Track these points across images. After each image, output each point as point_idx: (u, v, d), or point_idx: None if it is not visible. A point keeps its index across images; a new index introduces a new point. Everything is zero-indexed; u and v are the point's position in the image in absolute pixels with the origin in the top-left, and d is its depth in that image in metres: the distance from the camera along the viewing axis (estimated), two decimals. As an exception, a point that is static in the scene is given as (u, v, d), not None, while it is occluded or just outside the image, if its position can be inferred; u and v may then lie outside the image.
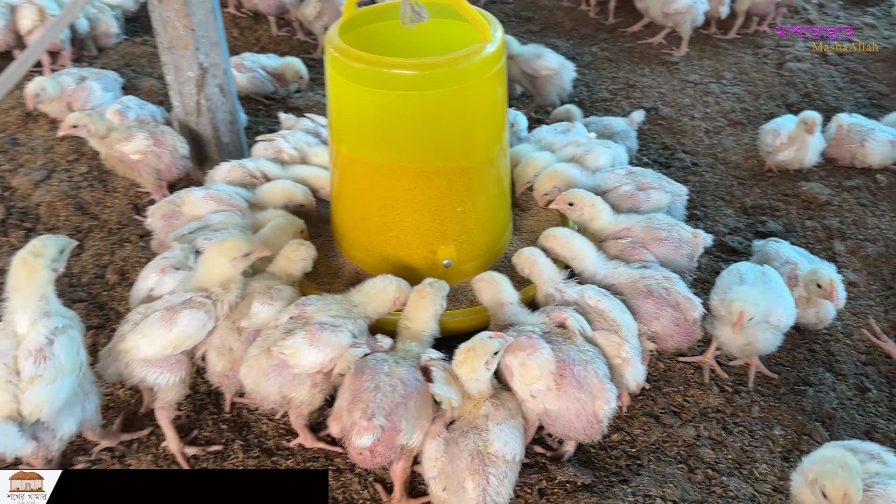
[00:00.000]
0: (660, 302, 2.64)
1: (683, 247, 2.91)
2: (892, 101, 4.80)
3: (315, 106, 4.70)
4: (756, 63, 5.30)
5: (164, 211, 3.07)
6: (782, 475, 2.53)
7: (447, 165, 2.75)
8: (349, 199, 2.94)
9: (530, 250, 2.79)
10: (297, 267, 2.70)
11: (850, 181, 4.01)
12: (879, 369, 2.94)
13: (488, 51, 2.65)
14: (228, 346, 2.47)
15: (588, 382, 2.33)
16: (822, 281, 2.77)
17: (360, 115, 2.73)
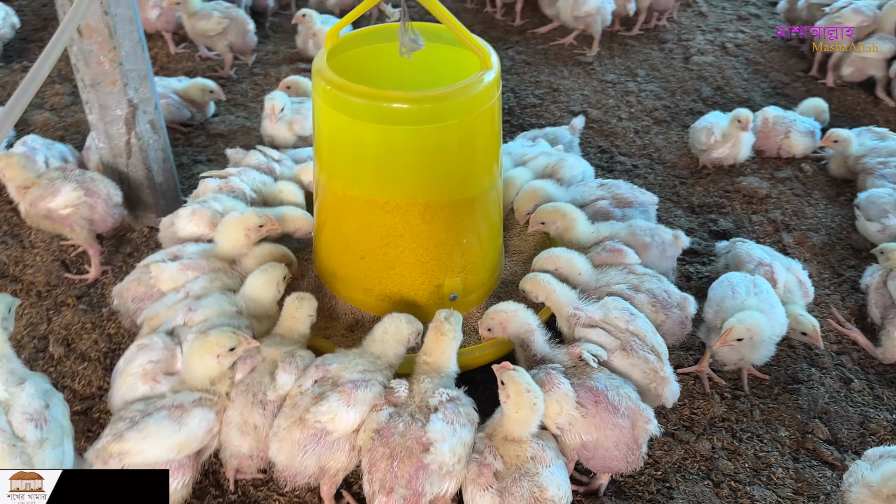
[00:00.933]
0: (666, 305, 2.69)
1: (668, 249, 2.98)
2: (793, 90, 5.09)
3: (238, 130, 4.40)
4: (664, 59, 5.47)
5: (134, 293, 2.76)
6: (798, 476, 2.61)
7: (454, 197, 2.64)
8: (344, 238, 2.76)
9: (542, 276, 2.74)
10: (306, 324, 2.53)
11: (781, 172, 4.21)
12: (852, 357, 3.11)
13: (489, 79, 2.56)
14: (252, 424, 2.26)
15: (625, 406, 2.32)
16: (806, 329, 2.86)
17: (359, 152, 2.56)
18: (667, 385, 2.49)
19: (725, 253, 3.32)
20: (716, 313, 2.80)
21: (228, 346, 2.27)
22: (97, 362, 2.92)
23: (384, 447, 2.13)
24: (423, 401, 2.25)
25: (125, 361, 2.40)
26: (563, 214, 3.02)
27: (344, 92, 2.46)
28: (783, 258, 3.19)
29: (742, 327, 2.64)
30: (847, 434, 2.76)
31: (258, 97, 4.79)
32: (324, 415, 2.16)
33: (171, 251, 2.87)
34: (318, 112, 2.64)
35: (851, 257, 3.63)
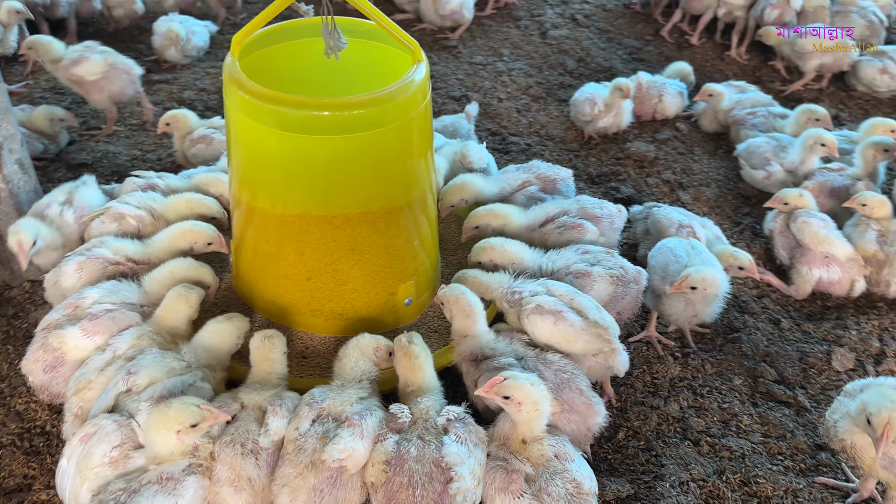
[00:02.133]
0: (623, 281, 2.74)
1: (615, 221, 3.05)
2: (647, 53, 5.35)
3: (103, 157, 3.95)
4: (523, 36, 5.55)
5: (44, 363, 2.43)
6: (762, 420, 2.75)
7: (402, 200, 2.54)
8: (285, 261, 2.55)
9: (470, 272, 2.69)
10: (283, 363, 2.35)
11: (661, 134, 4.41)
12: (772, 298, 3.32)
13: (423, 74, 2.45)
14: (246, 477, 2.04)
15: (575, 403, 2.35)
16: (743, 263, 3.01)
17: (300, 167, 2.36)
18: (616, 356, 2.52)
19: (642, 218, 3.42)
20: (662, 279, 2.88)
21: (189, 422, 2.01)
22: (13, 447, 2.51)
23: (401, 476, 2.01)
24: (428, 421, 2.14)
25: (76, 460, 2.07)
26: (496, 214, 3.00)
27: (278, 104, 2.25)
28: (697, 217, 3.34)
29: (698, 277, 2.73)
30: (791, 371, 2.94)
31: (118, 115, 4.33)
32: (342, 453, 2.00)
33: (70, 305, 2.53)
34: (240, 128, 2.40)
35: (744, 205, 3.88)
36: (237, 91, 2.32)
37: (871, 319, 3.18)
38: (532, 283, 2.59)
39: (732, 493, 2.48)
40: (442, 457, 2.03)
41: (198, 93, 4.58)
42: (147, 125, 4.24)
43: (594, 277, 2.70)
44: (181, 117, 3.67)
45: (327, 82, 2.81)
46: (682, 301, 2.82)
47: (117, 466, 2.06)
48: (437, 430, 2.13)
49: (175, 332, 2.49)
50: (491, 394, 2.13)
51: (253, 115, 2.31)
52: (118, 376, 2.28)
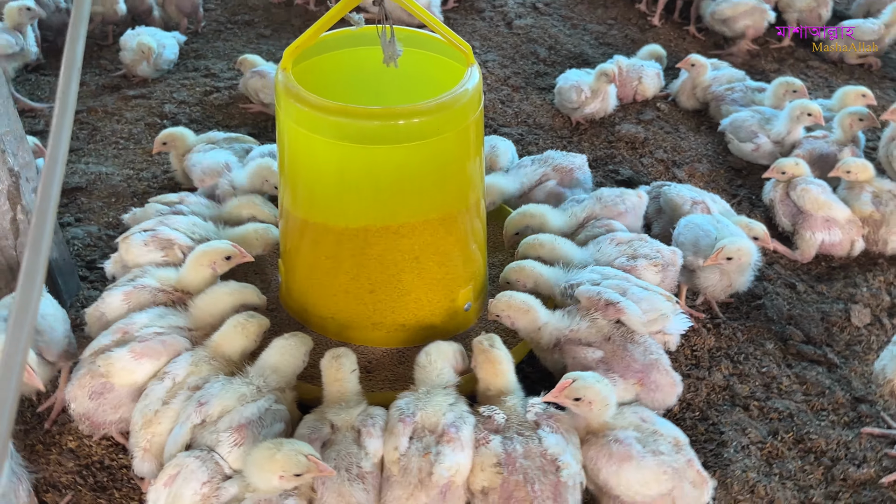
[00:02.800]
0: (664, 265, 2.84)
1: (638, 210, 3.14)
2: (612, 38, 5.48)
3: (97, 179, 3.80)
4: (489, 28, 5.60)
5: (89, 389, 2.35)
6: (800, 380, 2.89)
7: (462, 206, 2.56)
8: (347, 276, 2.52)
9: (527, 263, 2.73)
10: (354, 381, 2.33)
11: (645, 115, 4.53)
12: (781, 265, 3.47)
13: (476, 77, 2.48)
14: (357, 503, 2.04)
15: (662, 383, 2.47)
16: (758, 233, 3.13)
17: (365, 179, 2.35)
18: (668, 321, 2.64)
19: (653, 198, 3.52)
20: (694, 254, 2.98)
21: (294, 471, 1.97)
22: (78, 486, 2.42)
23: (515, 475, 2.04)
24: (519, 417, 2.19)
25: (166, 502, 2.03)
26: (532, 215, 3.05)
27: (340, 115, 2.24)
28: (706, 192, 3.46)
29: (734, 247, 2.84)
30: (816, 331, 3.09)
31: (94, 137, 4.18)
32: (449, 470, 2.03)
33: (118, 330, 2.46)
34: (299, 143, 2.37)
35: (737, 178, 4.04)
36: (296, 104, 2.28)
37: (877, 276, 3.37)
38: (586, 272, 2.65)
39: (789, 451, 2.61)
40: (545, 449, 2.08)
41: (178, 105, 4.45)
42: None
43: (639, 271, 2.78)
44: (178, 136, 3.57)
45: (369, 92, 2.79)
46: (716, 272, 2.93)
47: (209, 502, 2.03)
48: (530, 425, 2.17)
49: (230, 360, 2.45)
50: (561, 398, 2.17)
51: (314, 128, 2.28)
52: (189, 408, 2.23)
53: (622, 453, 2.10)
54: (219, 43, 5.25)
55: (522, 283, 2.72)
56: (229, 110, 4.44)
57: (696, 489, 2.13)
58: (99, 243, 3.40)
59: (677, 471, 2.11)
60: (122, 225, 3.46)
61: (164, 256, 2.75)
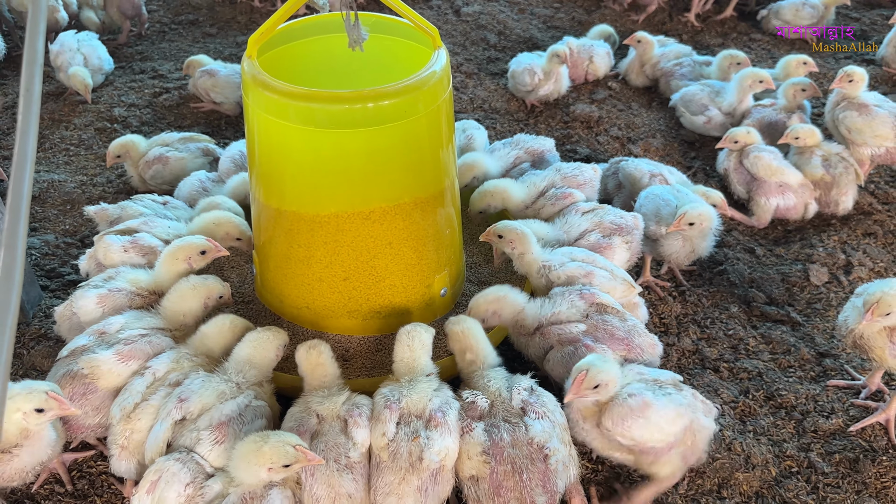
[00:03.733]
0: (626, 230, 2.93)
1: (595, 184, 3.20)
2: (559, 21, 5.54)
3: (50, 187, 3.71)
4: (438, 16, 5.61)
5: (69, 391, 2.29)
6: (766, 339, 2.97)
7: (435, 189, 2.54)
8: (320, 265, 2.50)
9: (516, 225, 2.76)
10: (334, 366, 2.33)
11: (597, 94, 4.60)
12: (740, 231, 3.57)
13: (444, 60, 2.47)
14: (346, 494, 2.05)
15: (645, 344, 2.53)
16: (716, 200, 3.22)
17: (338, 164, 2.34)
18: (638, 308, 2.76)
19: (612, 174, 3.58)
20: (657, 223, 3.04)
21: (283, 462, 1.96)
22: (58, 496, 2.37)
23: (503, 465, 2.06)
24: (504, 402, 2.21)
25: None
26: (492, 193, 3.08)
27: (306, 100, 2.22)
28: (662, 165, 3.54)
29: (695, 212, 2.91)
30: (778, 292, 3.19)
31: (43, 145, 4.07)
32: (439, 454, 2.05)
33: (95, 332, 2.42)
34: (265, 129, 2.35)
35: (690, 150, 4.13)
36: (263, 92, 2.26)
37: (831, 235, 3.48)
38: (557, 253, 2.71)
39: (761, 408, 2.69)
40: (532, 437, 2.10)
41: (128, 109, 4.36)
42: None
43: (613, 249, 2.86)
44: (130, 144, 3.50)
45: (339, 78, 2.78)
46: (679, 239, 3.00)
47: (194, 502, 2.01)
48: (517, 411, 2.18)
49: (212, 356, 2.42)
50: (582, 391, 2.13)
51: (281, 114, 2.26)
52: (170, 404, 2.20)
53: (641, 403, 2.13)
54: (164, 44, 5.16)
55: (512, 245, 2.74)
56: (181, 110, 4.37)
57: (707, 416, 2.24)
58: (57, 251, 3.32)
59: (689, 405, 2.19)
60: (80, 232, 3.41)
61: (145, 262, 2.72)
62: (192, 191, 3.26)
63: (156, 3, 5.71)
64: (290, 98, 2.24)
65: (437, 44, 2.51)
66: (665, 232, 3.00)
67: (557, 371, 2.48)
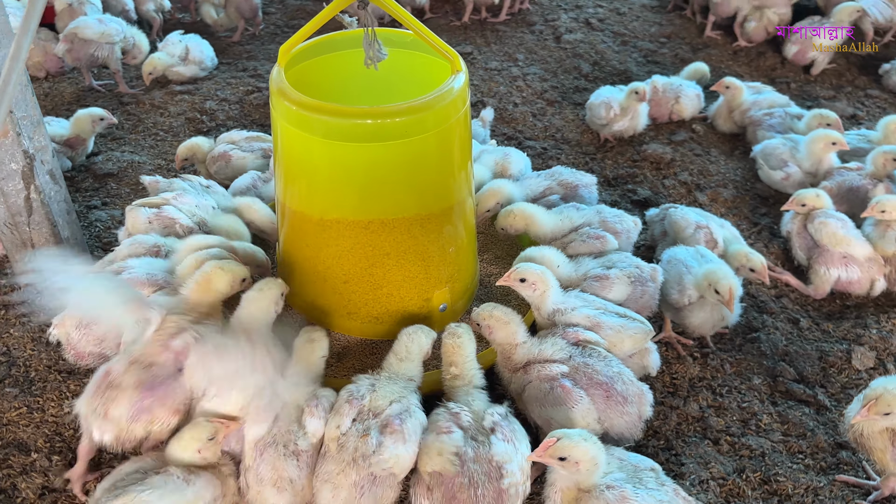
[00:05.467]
0: (640, 279, 2.82)
1: (632, 235, 3.09)
2: (661, 56, 5.38)
3: (129, 166, 4.03)
4: (537, 41, 5.60)
5: (76, 319, 2.51)
6: (781, 419, 2.76)
7: (438, 207, 2.59)
8: (324, 264, 2.62)
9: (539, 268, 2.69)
10: (320, 364, 2.41)
11: (677, 136, 4.43)
12: (790, 298, 3.33)
13: (461, 82, 2.50)
14: (288, 478, 2.12)
15: (630, 393, 2.43)
16: (755, 265, 3.03)
17: (337, 173, 2.45)
18: (650, 354, 2.67)
19: (659, 220, 3.45)
20: (679, 293, 2.89)
21: (206, 437, 2.09)
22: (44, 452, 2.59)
23: (461, 477, 2.08)
24: (478, 422, 2.22)
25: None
26: (515, 215, 3.05)
27: (316, 112, 2.32)
28: (714, 217, 3.36)
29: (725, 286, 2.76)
30: (811, 370, 2.95)
31: (136, 128, 4.42)
32: (387, 462, 2.08)
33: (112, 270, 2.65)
34: (283, 135, 2.48)
35: (762, 206, 3.89)
36: (281, 100, 2.40)
37: (892, 318, 3.18)
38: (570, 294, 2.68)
39: (752, 491, 2.50)
40: (492, 455, 2.10)
41: (219, 103, 4.66)
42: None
43: (612, 280, 2.75)
44: (195, 147, 3.74)
45: (373, 92, 2.88)
46: (706, 308, 2.86)
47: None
48: (486, 431, 2.19)
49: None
50: (545, 457, 2.08)
51: (294, 122, 2.39)
52: None
53: (619, 498, 2.06)
54: (272, 45, 5.46)
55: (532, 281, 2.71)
56: (266, 110, 4.61)
57: None
58: (119, 227, 3.60)
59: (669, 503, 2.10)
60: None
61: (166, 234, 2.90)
62: (243, 186, 3.46)
63: (274, 5, 6.05)
64: (302, 108, 2.36)
65: (457, 67, 2.53)
66: (688, 302, 2.86)
67: (531, 407, 2.45)
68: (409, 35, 2.78)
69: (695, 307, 2.88)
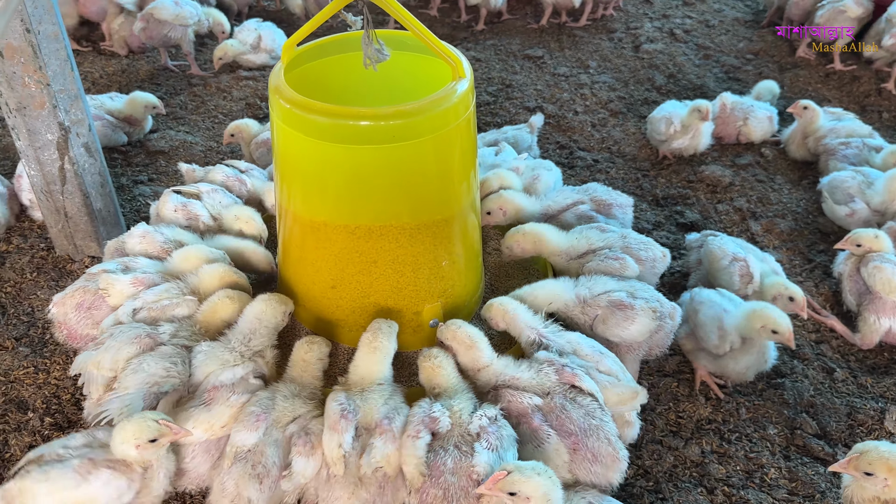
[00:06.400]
0: (660, 315, 2.62)
1: (657, 265, 2.90)
2: (744, 73, 5.07)
3: (181, 146, 4.16)
4: (614, 48, 5.40)
5: (78, 300, 2.57)
6: (791, 475, 2.53)
7: (431, 218, 2.47)
8: (313, 267, 2.58)
9: (499, 301, 2.58)
10: (318, 368, 2.39)
11: (742, 159, 4.16)
12: (832, 345, 3.05)
13: (463, 88, 2.40)
14: (246, 498, 2.09)
15: (601, 453, 2.21)
16: (794, 295, 2.82)
17: (324, 175, 2.39)
18: (630, 428, 2.43)
19: (697, 247, 3.24)
20: (721, 338, 2.68)
21: (147, 437, 2.00)
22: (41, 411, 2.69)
23: (436, 489, 2.01)
24: (463, 426, 2.13)
25: None
26: (524, 234, 2.91)
27: (305, 110, 2.28)
28: (756, 250, 3.13)
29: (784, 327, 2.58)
30: (836, 427, 2.70)
31: (198, 109, 4.56)
32: (378, 462, 2.05)
33: (123, 261, 2.71)
34: (278, 132, 2.45)
35: (820, 242, 3.59)
36: (276, 97, 2.36)
37: (942, 380, 2.87)
38: (563, 336, 2.49)
39: (740, 550, 2.31)
40: (473, 466, 2.02)
41: (280, 90, 4.73)
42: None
43: (637, 311, 2.58)
44: (243, 127, 3.80)
45: (389, 96, 2.82)
46: (752, 352, 2.67)
47: None
48: (472, 437, 2.10)
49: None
50: (494, 490, 1.95)
51: (286, 120, 2.34)
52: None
53: None
54: (347, 36, 5.50)
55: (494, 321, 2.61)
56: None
57: None
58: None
59: None
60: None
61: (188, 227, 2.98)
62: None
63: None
64: (292, 105, 2.30)
65: (461, 74, 2.44)
66: (730, 348, 2.66)
67: None
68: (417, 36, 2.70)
69: (738, 352, 2.68)
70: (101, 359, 2.31)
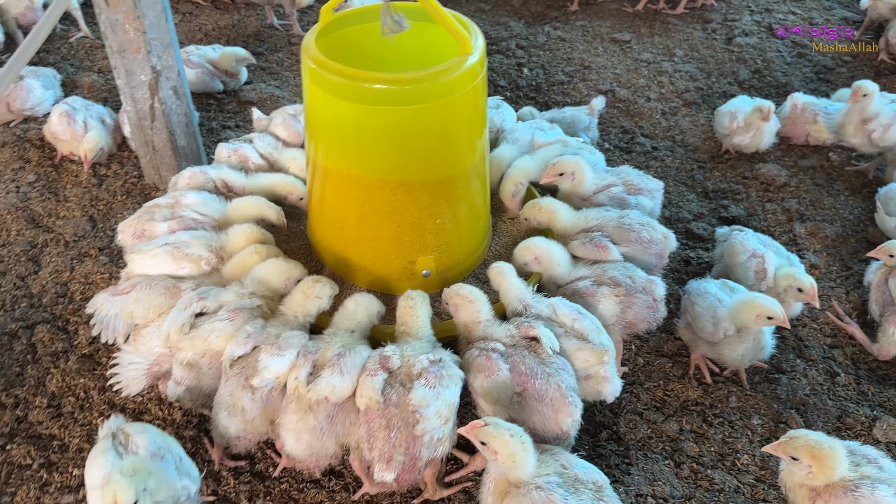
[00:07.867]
0: (631, 290, 2.73)
1: (652, 246, 2.96)
2: (836, 76, 4.92)
3: (269, 98, 4.57)
4: (706, 39, 5.36)
5: (134, 229, 2.96)
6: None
7: (428, 178, 2.71)
8: (329, 208, 2.90)
9: (500, 265, 2.76)
10: (313, 305, 2.60)
11: (806, 160, 4.12)
12: (845, 352, 3.06)
13: (469, 63, 2.60)
14: (241, 406, 2.37)
15: (549, 396, 2.37)
16: (803, 286, 2.86)
17: (337, 128, 2.67)
18: (608, 384, 2.52)
19: (723, 241, 3.29)
20: (714, 326, 2.77)
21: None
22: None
23: (381, 418, 2.25)
24: (412, 367, 2.34)
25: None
26: (540, 208, 3.05)
27: (323, 69, 2.56)
28: (780, 247, 3.15)
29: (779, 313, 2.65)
30: (822, 427, 2.74)
31: (292, 66, 4.94)
32: (323, 389, 2.28)
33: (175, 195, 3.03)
34: (305, 88, 2.75)
35: (864, 251, 3.54)
36: (305, 58, 2.64)
37: (950, 400, 2.83)
38: (543, 301, 2.65)
39: (690, 521, 2.44)
40: (409, 399, 2.24)
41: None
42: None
43: (599, 297, 2.71)
44: None
45: (413, 61, 3.02)
46: (748, 339, 2.76)
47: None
48: (414, 376, 2.31)
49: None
50: (470, 434, 2.13)
51: (309, 76, 2.63)
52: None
53: (545, 500, 2.06)
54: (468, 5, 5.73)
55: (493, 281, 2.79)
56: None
57: None
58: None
59: None
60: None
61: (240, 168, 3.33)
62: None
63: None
64: (315, 64, 2.58)
65: (467, 50, 2.63)
66: (724, 336, 2.77)
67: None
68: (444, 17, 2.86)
69: (733, 339, 2.77)
70: (133, 309, 2.60)
